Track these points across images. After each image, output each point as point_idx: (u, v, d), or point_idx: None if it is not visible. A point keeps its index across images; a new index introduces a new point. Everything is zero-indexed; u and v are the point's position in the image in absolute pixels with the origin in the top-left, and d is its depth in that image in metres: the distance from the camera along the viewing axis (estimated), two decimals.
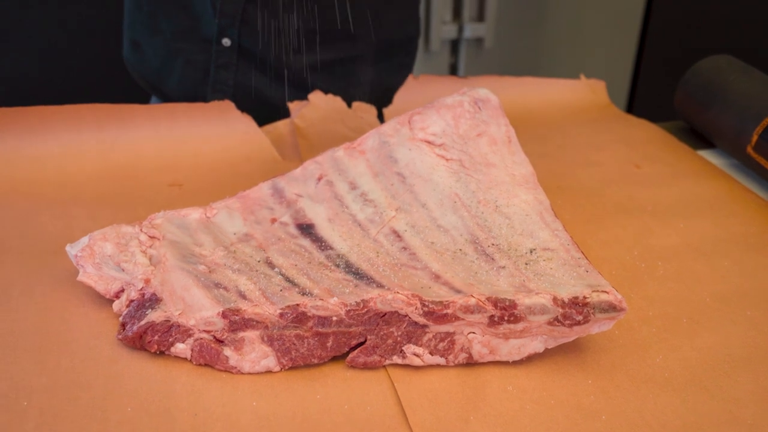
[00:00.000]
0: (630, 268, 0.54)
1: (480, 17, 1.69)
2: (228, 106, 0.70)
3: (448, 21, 1.67)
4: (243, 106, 0.74)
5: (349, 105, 0.75)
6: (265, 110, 0.77)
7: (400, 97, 0.76)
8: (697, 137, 0.77)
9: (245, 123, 0.70)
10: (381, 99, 0.80)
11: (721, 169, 0.68)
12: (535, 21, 1.74)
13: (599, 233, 0.58)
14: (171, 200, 0.61)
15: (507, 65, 1.71)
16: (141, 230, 0.50)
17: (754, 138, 0.64)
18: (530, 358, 0.45)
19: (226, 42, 0.79)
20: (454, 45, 1.72)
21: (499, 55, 1.72)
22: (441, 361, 0.44)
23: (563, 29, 1.75)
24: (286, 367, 0.44)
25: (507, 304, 0.43)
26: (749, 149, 0.64)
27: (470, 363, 0.45)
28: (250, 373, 0.44)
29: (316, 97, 0.74)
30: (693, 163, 0.69)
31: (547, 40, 1.75)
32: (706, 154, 0.72)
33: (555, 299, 0.43)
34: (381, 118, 0.78)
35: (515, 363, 0.45)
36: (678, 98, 0.75)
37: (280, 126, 0.74)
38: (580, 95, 0.83)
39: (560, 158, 0.70)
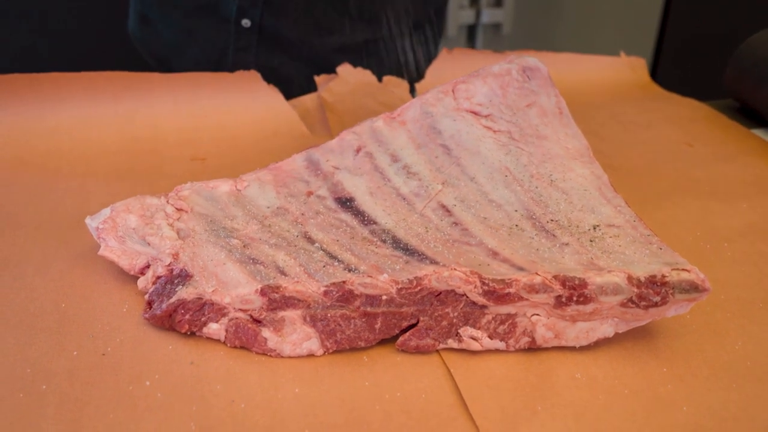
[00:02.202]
0: (694, 250, 0.50)
1: (498, 2, 1.64)
2: (254, 76, 0.66)
3: (465, 6, 1.63)
4: None
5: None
6: (288, 95, 0.72)
7: (433, 71, 0.72)
8: (746, 116, 0.72)
9: (271, 95, 0.66)
10: (410, 73, 0.76)
11: None
12: (554, 6, 1.70)
13: (656, 214, 0.54)
14: (193, 175, 0.57)
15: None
16: (167, 202, 0.45)
17: None
18: (598, 344, 0.41)
19: (246, 23, 0.74)
20: (471, 30, 1.67)
21: (517, 41, 1.67)
22: (501, 345, 0.40)
23: (583, 15, 1.70)
24: (331, 351, 0.40)
25: (576, 282, 0.38)
26: None
27: (532, 348, 0.41)
28: (290, 357, 0.40)
29: (345, 70, 0.70)
30: (748, 142, 0.65)
31: (566, 26, 1.71)
32: (760, 133, 0.68)
33: (630, 278, 0.38)
34: (413, 93, 0.74)
35: (581, 349, 0.41)
36: (729, 74, 0.71)
37: (307, 100, 0.70)
38: (620, 73, 0.79)
39: (606, 137, 0.66)
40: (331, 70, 0.71)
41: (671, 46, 1.74)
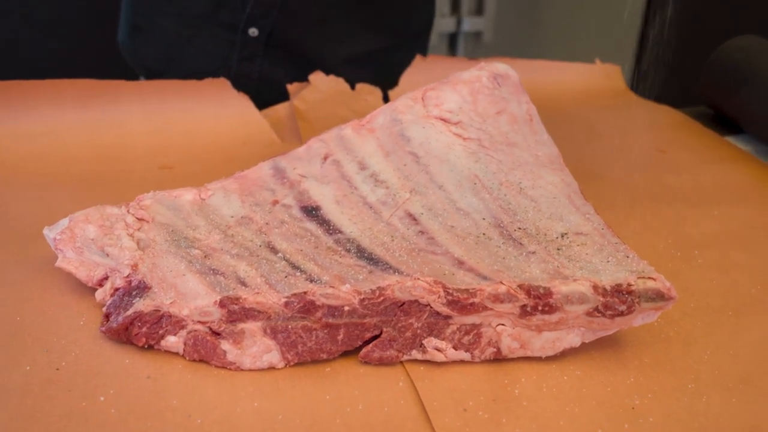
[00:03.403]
0: (665, 257, 0.50)
1: (479, 11, 1.65)
2: (223, 84, 0.65)
3: (446, 14, 1.63)
4: (267, 101, 0.68)
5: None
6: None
7: (407, 78, 0.72)
8: (721, 123, 0.72)
9: (242, 103, 0.65)
10: (388, 81, 0.75)
11: (752, 155, 0.64)
12: (534, 14, 1.70)
13: (629, 221, 0.54)
14: (161, 184, 0.56)
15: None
16: (128, 211, 0.45)
17: None
18: (565, 354, 0.40)
19: (253, 32, 0.73)
20: (453, 39, 1.67)
21: (497, 49, 1.67)
22: (466, 356, 0.39)
23: (563, 23, 1.71)
24: (292, 363, 0.39)
25: (542, 292, 0.38)
26: None
27: (498, 359, 0.40)
28: (250, 370, 0.39)
29: (317, 78, 0.69)
30: (722, 149, 0.65)
31: (546, 33, 1.71)
32: (734, 140, 0.68)
33: (595, 287, 0.38)
34: (386, 100, 0.73)
35: (548, 359, 0.40)
36: (702, 82, 0.71)
37: (279, 109, 0.69)
38: (595, 80, 0.79)
39: (580, 144, 0.66)
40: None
41: (652, 53, 1.74)
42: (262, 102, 0.68)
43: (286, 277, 0.40)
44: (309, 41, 0.74)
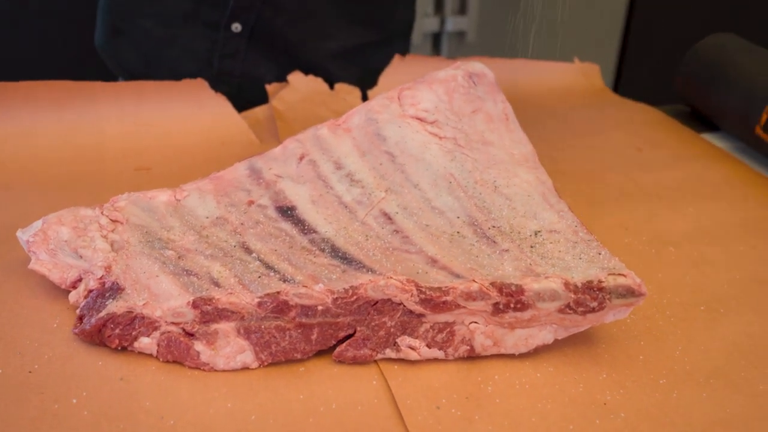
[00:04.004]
0: (639, 254, 0.50)
1: (462, 10, 1.65)
2: (201, 85, 0.64)
3: (429, 14, 1.63)
4: (250, 99, 0.68)
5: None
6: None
7: (386, 77, 0.72)
8: (698, 121, 0.73)
9: (219, 104, 0.65)
10: (368, 81, 0.75)
11: (728, 152, 0.65)
12: (517, 14, 1.71)
13: (604, 218, 0.54)
14: (138, 185, 0.56)
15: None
16: (102, 213, 0.44)
17: (764, 117, 0.60)
18: (538, 351, 0.40)
19: (236, 27, 0.72)
20: (436, 38, 1.68)
21: (481, 48, 1.68)
22: (439, 354, 0.39)
23: (547, 22, 1.71)
24: (266, 363, 0.39)
25: (513, 289, 0.38)
26: (758, 129, 0.61)
27: (472, 356, 0.40)
28: (224, 371, 0.39)
29: (296, 78, 0.69)
30: (697, 146, 0.65)
31: (530, 33, 1.72)
32: (709, 137, 0.68)
33: (567, 284, 0.38)
34: (365, 100, 0.73)
35: (521, 356, 0.40)
36: (679, 79, 0.72)
37: (258, 110, 0.69)
38: (574, 79, 0.79)
39: (556, 142, 0.66)
40: (321, 77, 0.70)
41: (634, 52, 1.75)
42: (244, 100, 0.68)
43: (259, 277, 0.40)
44: (293, 35, 0.74)
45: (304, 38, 0.74)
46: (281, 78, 0.71)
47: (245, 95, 0.69)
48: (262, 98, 0.70)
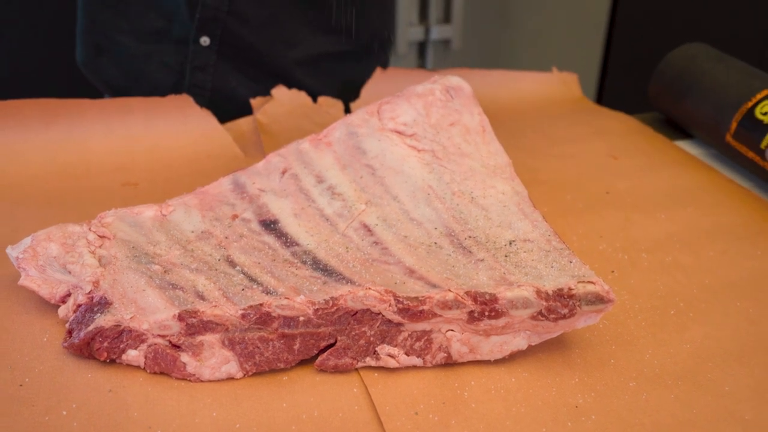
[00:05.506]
0: (612, 260, 0.52)
1: (447, 19, 1.67)
2: (186, 100, 0.66)
3: (414, 23, 1.65)
4: (222, 110, 0.70)
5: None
6: (247, 114, 0.72)
7: (368, 90, 0.73)
8: (674, 128, 0.75)
9: (204, 119, 0.66)
10: (350, 94, 0.77)
11: (700, 159, 0.67)
12: (503, 22, 1.73)
13: (578, 226, 0.56)
14: (125, 201, 0.57)
15: (474, 67, 1.69)
16: (89, 229, 0.46)
17: (733, 126, 0.62)
18: (513, 357, 0.42)
19: (205, 41, 0.74)
20: (421, 47, 1.69)
21: (466, 57, 1.70)
22: (418, 361, 0.41)
23: (531, 30, 1.73)
24: (250, 373, 0.40)
25: (487, 298, 0.40)
26: (728, 137, 0.62)
27: (449, 363, 0.41)
28: (210, 381, 0.40)
29: (280, 92, 0.71)
30: (671, 154, 0.67)
31: (515, 41, 1.74)
32: (683, 145, 0.70)
33: (538, 292, 0.40)
34: (348, 113, 0.75)
35: (497, 362, 0.42)
36: (652, 89, 0.73)
37: (242, 123, 0.70)
38: (553, 88, 0.81)
39: (534, 151, 0.68)
40: (292, 86, 0.71)
41: (617, 60, 1.78)
42: (218, 113, 0.70)
43: (243, 290, 0.41)
44: (260, 44, 0.76)
45: (270, 47, 0.76)
46: (253, 89, 0.73)
47: (218, 108, 0.71)
48: (236, 109, 0.71)
